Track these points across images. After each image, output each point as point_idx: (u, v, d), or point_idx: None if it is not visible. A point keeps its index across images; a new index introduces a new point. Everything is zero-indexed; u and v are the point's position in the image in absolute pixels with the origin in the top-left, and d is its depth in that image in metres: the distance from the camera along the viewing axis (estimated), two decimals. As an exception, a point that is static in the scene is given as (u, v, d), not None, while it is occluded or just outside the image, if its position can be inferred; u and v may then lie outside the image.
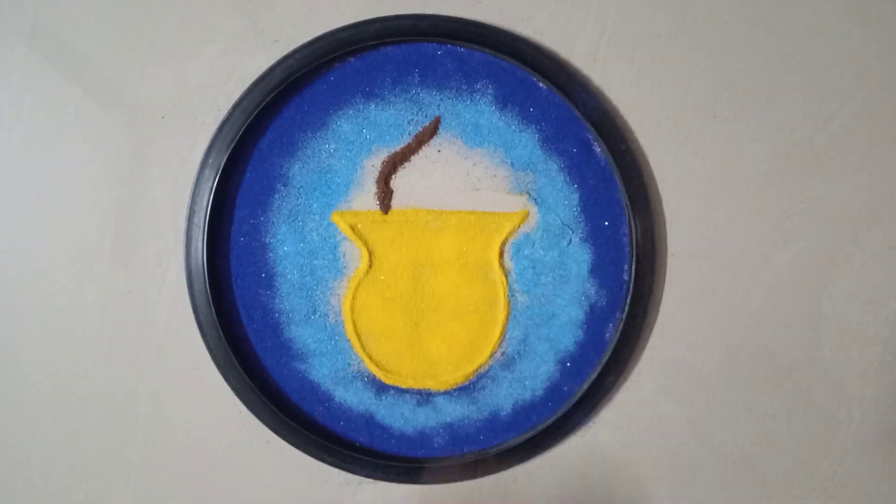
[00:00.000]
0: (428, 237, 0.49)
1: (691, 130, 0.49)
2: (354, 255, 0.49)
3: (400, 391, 0.51)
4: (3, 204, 0.49)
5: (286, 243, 0.49)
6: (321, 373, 0.50)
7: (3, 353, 0.50)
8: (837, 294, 0.51)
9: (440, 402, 0.51)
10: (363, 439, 0.51)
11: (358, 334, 0.50)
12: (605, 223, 0.50)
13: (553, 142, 0.49)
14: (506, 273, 0.50)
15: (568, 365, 0.51)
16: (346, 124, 0.48)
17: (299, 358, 0.50)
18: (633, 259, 0.49)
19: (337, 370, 0.50)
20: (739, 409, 0.52)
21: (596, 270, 0.50)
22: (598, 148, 0.49)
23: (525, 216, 0.49)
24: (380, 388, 0.51)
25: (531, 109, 0.48)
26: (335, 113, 0.48)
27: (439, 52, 0.48)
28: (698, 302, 0.51)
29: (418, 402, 0.51)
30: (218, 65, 0.48)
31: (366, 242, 0.49)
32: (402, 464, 0.51)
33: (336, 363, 0.50)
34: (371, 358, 0.50)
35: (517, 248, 0.49)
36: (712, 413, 0.52)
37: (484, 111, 0.48)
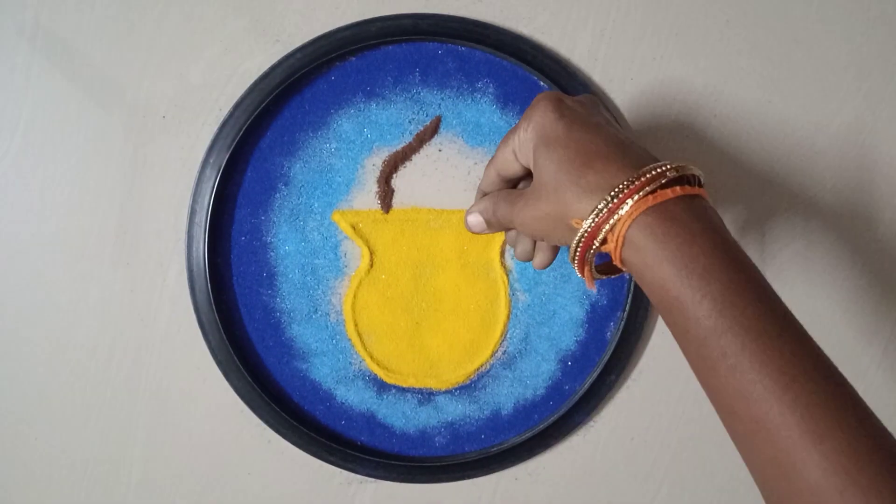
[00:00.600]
0: (429, 236, 0.49)
1: (692, 129, 0.49)
2: (355, 255, 0.49)
3: (401, 390, 0.51)
4: (4, 204, 0.49)
5: (287, 242, 0.49)
6: (322, 372, 0.50)
7: (4, 353, 0.50)
8: (837, 294, 0.51)
9: (441, 401, 0.51)
10: (365, 438, 0.51)
11: (359, 333, 0.50)
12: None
13: (554, 141, 0.49)
14: (507, 272, 0.50)
15: (569, 364, 0.51)
16: (346, 123, 0.48)
17: (300, 357, 0.50)
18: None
19: (338, 369, 0.50)
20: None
21: (597, 269, 0.50)
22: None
23: (526, 215, 0.49)
24: (381, 388, 0.51)
25: (532, 108, 0.48)
26: (336, 112, 0.48)
27: (440, 52, 0.48)
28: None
29: (419, 401, 0.51)
30: (219, 64, 0.48)
31: (367, 241, 0.49)
32: (403, 463, 0.51)
33: (337, 362, 0.50)
34: (372, 357, 0.50)
35: (518, 247, 0.49)
36: (713, 413, 0.52)
37: (485, 110, 0.48)
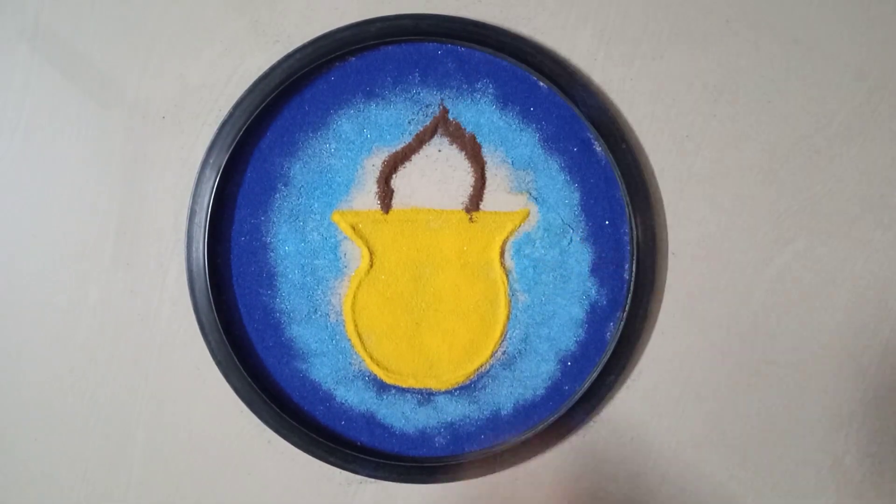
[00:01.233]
0: (429, 236, 0.49)
1: (691, 129, 0.49)
2: (355, 255, 0.49)
3: (401, 391, 0.51)
4: (5, 204, 0.49)
5: (287, 243, 0.49)
6: (322, 372, 0.50)
7: (5, 353, 0.50)
8: (838, 293, 0.51)
9: (441, 402, 0.51)
10: (364, 439, 0.51)
11: (359, 334, 0.50)
12: (606, 222, 0.50)
13: (553, 141, 0.49)
14: (506, 272, 0.50)
15: (569, 364, 0.51)
16: (346, 124, 0.48)
17: (300, 358, 0.50)
18: (634, 258, 0.49)
19: (338, 370, 0.50)
20: (739, 409, 0.52)
21: (596, 270, 0.50)
22: (598, 147, 0.49)
23: (526, 215, 0.49)
24: (381, 388, 0.51)
25: (531, 109, 0.49)
26: (336, 112, 0.48)
27: (440, 52, 0.48)
28: (699, 301, 0.51)
29: (419, 401, 0.51)
30: (219, 65, 0.48)
31: (366, 242, 0.49)
32: (403, 463, 0.51)
33: (337, 363, 0.50)
34: (372, 357, 0.50)
35: (518, 248, 0.50)
36: (712, 412, 0.52)
37: (484, 110, 0.48)
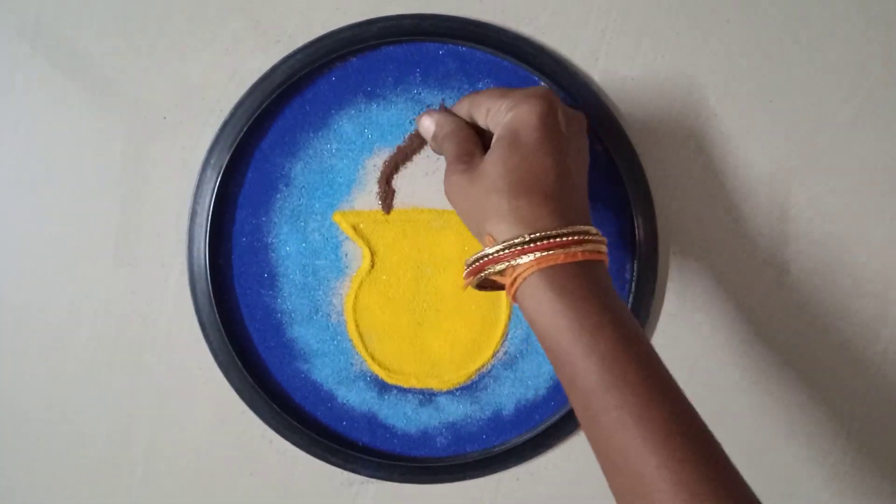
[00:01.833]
0: (430, 236, 0.49)
1: (693, 128, 0.49)
2: (356, 255, 0.49)
3: (402, 391, 0.51)
4: (5, 205, 0.49)
5: (288, 243, 0.49)
6: (323, 373, 0.50)
7: (5, 355, 0.50)
8: (839, 292, 0.51)
9: (443, 402, 0.51)
10: (366, 439, 0.51)
11: (360, 334, 0.50)
12: (608, 221, 0.50)
13: (555, 141, 0.49)
14: (508, 272, 0.50)
15: (570, 364, 0.51)
16: (347, 124, 0.48)
17: (301, 358, 0.50)
18: (636, 258, 0.49)
19: (339, 370, 0.50)
20: (742, 407, 0.52)
21: (598, 269, 0.50)
22: (600, 146, 0.49)
23: (527, 215, 0.49)
24: (382, 388, 0.51)
25: (533, 108, 0.48)
26: (337, 113, 0.48)
27: (441, 52, 0.48)
28: (701, 300, 0.51)
29: (421, 401, 0.51)
30: (220, 65, 0.48)
31: (368, 242, 0.49)
32: (405, 464, 0.51)
33: (338, 363, 0.50)
34: (373, 358, 0.50)
35: (519, 248, 0.49)
36: (715, 411, 0.52)
37: (485, 110, 0.48)
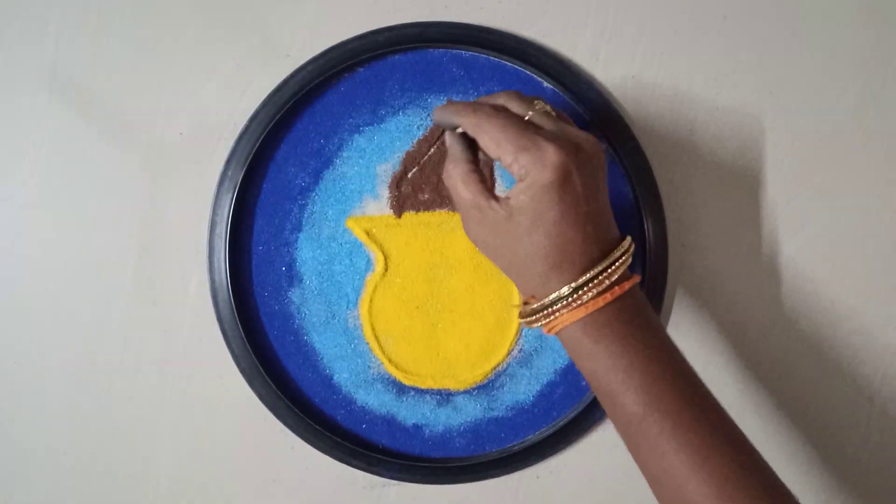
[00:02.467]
0: (441, 238, 0.50)
1: (695, 123, 0.50)
2: (370, 260, 0.51)
3: (420, 392, 0.52)
4: (29, 219, 0.50)
5: (304, 251, 0.50)
6: (342, 377, 0.51)
7: (32, 370, 0.51)
8: (845, 284, 0.51)
9: (460, 402, 0.52)
10: (386, 441, 0.52)
11: (377, 337, 0.51)
12: (615, 218, 0.50)
13: (560, 140, 0.50)
14: (520, 271, 0.51)
15: (585, 360, 0.51)
16: (357, 132, 0.50)
17: (320, 362, 0.51)
18: (646, 254, 0.50)
19: (357, 373, 0.51)
20: (755, 401, 0.52)
21: (608, 265, 0.50)
22: (604, 144, 0.50)
23: (536, 214, 0.50)
24: (400, 390, 0.52)
25: (537, 110, 0.50)
26: (346, 122, 0.50)
27: (446, 58, 0.49)
28: (710, 295, 0.51)
29: (438, 402, 0.52)
30: (232, 81, 0.50)
31: (381, 246, 0.50)
32: (425, 465, 0.51)
33: (356, 366, 0.51)
34: (390, 360, 0.51)
35: (529, 246, 0.50)
36: (730, 405, 0.52)
37: (491, 113, 0.50)
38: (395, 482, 0.52)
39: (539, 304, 0.39)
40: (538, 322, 0.39)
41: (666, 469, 0.36)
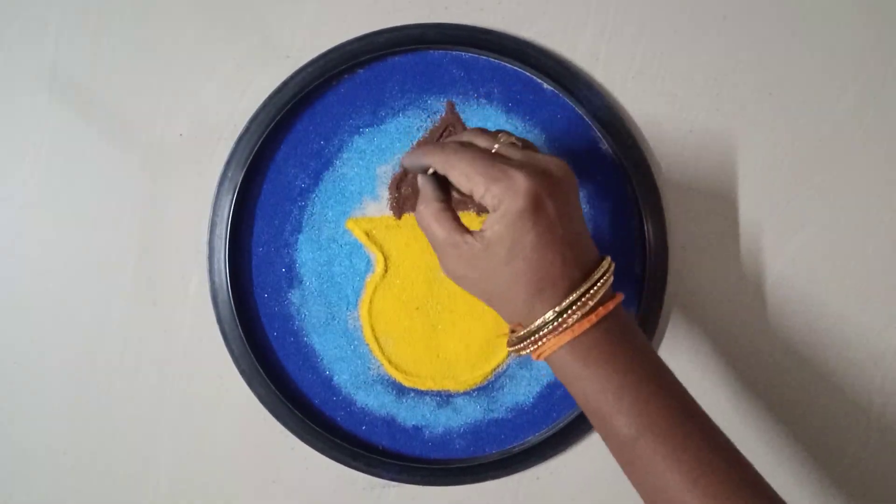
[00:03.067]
0: (441, 239, 0.50)
1: (695, 124, 0.50)
2: (370, 261, 0.51)
3: (420, 393, 0.52)
4: (29, 219, 0.50)
5: (304, 252, 0.50)
6: (342, 378, 0.51)
7: (32, 370, 0.51)
8: (845, 283, 0.51)
9: (460, 403, 0.52)
10: (386, 443, 0.52)
11: (376, 338, 0.51)
12: (615, 219, 0.50)
13: (560, 141, 0.50)
14: (519, 272, 0.51)
15: (585, 360, 0.51)
16: (357, 133, 0.50)
17: (320, 364, 0.51)
18: (646, 254, 0.50)
19: (357, 375, 0.51)
20: (756, 401, 0.52)
21: (608, 266, 0.50)
22: (604, 145, 0.50)
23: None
24: (400, 391, 0.52)
25: (537, 110, 0.50)
26: (346, 123, 0.50)
27: (446, 59, 0.49)
28: (710, 294, 0.51)
29: (438, 403, 0.52)
30: (232, 82, 0.50)
31: (381, 248, 0.50)
32: (425, 466, 0.51)
33: (356, 368, 0.51)
34: (390, 361, 0.51)
35: (529, 247, 0.50)
36: (734, 406, 0.52)
37: (491, 114, 0.50)
38: (395, 483, 0.52)
39: (525, 332, 0.39)
40: (526, 349, 0.39)
41: (660, 488, 0.37)
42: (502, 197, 0.37)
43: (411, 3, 0.49)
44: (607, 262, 0.40)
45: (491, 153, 0.40)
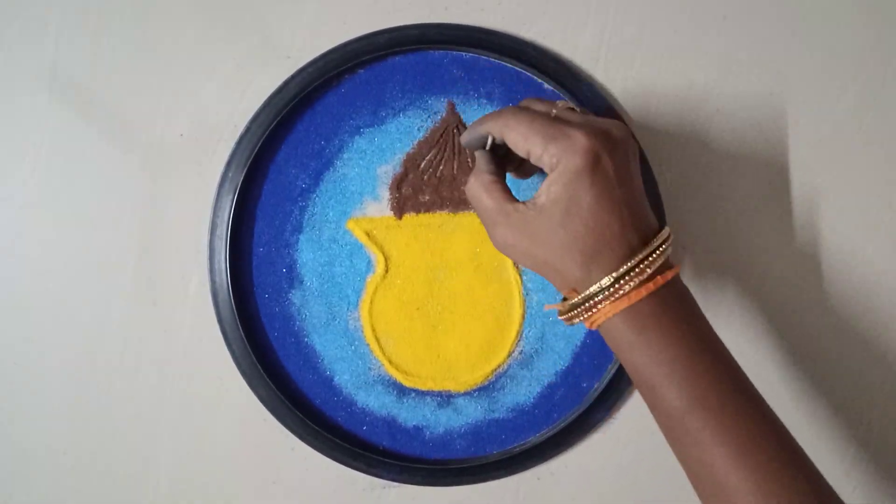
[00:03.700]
0: (441, 240, 0.50)
1: (695, 124, 0.50)
2: (371, 261, 0.51)
3: (420, 394, 0.52)
4: (29, 219, 0.50)
5: (304, 252, 0.50)
6: (343, 378, 0.51)
7: (32, 370, 0.51)
8: (848, 282, 0.51)
9: (461, 403, 0.52)
10: (386, 443, 0.52)
11: (377, 338, 0.51)
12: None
13: (560, 141, 0.50)
14: (520, 272, 0.51)
15: (586, 360, 0.51)
16: (357, 134, 0.50)
17: (321, 364, 0.51)
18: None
19: (358, 375, 0.51)
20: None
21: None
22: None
23: (536, 215, 0.50)
24: (400, 392, 0.52)
25: (537, 110, 0.50)
26: (347, 123, 0.50)
27: (446, 60, 0.49)
28: (711, 294, 0.51)
29: (439, 403, 0.52)
30: (232, 82, 0.50)
31: (381, 248, 0.50)
32: (425, 466, 0.51)
33: (357, 368, 0.51)
34: (391, 361, 0.51)
35: (530, 247, 0.50)
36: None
37: (491, 114, 0.50)
38: (396, 484, 0.52)
39: (580, 298, 0.38)
40: (579, 317, 0.39)
41: (707, 463, 0.36)
42: (560, 156, 0.37)
43: (411, 3, 0.49)
44: (667, 231, 0.39)
45: (549, 115, 0.39)
